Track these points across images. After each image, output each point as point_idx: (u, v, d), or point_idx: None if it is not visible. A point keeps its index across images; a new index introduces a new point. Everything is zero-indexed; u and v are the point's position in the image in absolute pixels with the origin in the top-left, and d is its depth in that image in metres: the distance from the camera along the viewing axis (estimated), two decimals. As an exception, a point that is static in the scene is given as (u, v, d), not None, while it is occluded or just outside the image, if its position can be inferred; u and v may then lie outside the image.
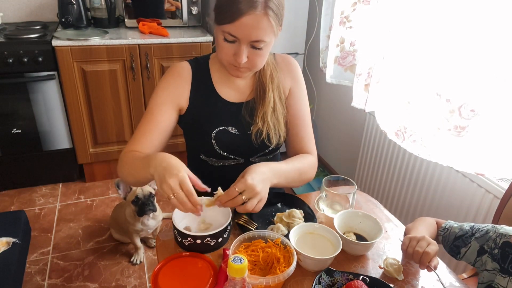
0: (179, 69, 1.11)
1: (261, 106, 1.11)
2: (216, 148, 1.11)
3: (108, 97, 2.32)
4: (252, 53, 0.96)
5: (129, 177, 1.03)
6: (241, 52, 0.94)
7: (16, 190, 2.47)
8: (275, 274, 0.81)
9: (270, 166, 0.98)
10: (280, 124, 1.13)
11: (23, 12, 2.53)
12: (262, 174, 0.92)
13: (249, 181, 0.88)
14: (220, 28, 0.94)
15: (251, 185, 0.87)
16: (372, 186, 2.16)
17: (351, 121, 2.44)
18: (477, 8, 1.29)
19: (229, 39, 0.94)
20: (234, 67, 1.00)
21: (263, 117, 1.10)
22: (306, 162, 1.13)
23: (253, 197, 0.88)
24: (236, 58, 0.95)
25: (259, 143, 1.12)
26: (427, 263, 0.88)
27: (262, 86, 1.11)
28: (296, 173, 1.08)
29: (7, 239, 1.48)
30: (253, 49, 0.95)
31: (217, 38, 0.97)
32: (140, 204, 1.73)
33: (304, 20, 2.54)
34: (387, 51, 1.69)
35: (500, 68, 1.25)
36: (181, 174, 0.83)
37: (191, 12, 2.52)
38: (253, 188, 0.87)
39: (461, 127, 1.38)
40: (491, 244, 0.90)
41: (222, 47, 0.97)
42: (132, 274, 1.92)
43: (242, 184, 0.88)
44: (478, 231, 0.95)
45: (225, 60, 0.99)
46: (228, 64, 1.00)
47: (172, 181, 0.82)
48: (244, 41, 0.93)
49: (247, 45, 0.94)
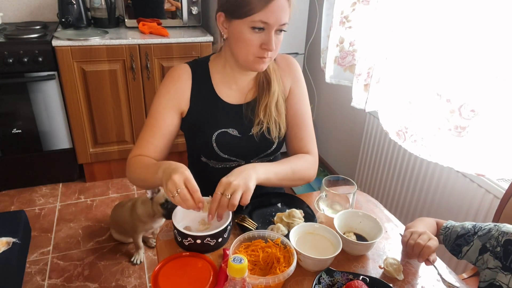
0: (179, 72, 1.11)
1: (264, 97, 1.10)
2: (217, 151, 1.11)
3: (108, 97, 2.32)
4: (276, 39, 0.97)
5: (139, 182, 1.08)
6: (271, 39, 0.95)
7: (16, 190, 2.47)
8: (275, 274, 0.81)
9: (253, 164, 1.00)
10: (281, 117, 1.13)
11: (23, 12, 2.53)
12: (239, 171, 0.94)
13: (224, 180, 0.91)
14: (247, 20, 0.93)
15: (226, 182, 0.90)
16: (372, 186, 2.16)
17: (351, 121, 2.44)
18: (477, 8, 1.29)
19: (260, 26, 0.94)
20: (259, 60, 1.00)
21: (266, 107, 1.10)
22: (301, 161, 1.13)
23: (234, 191, 0.89)
24: (268, 46, 0.96)
25: (261, 141, 1.12)
26: (427, 256, 0.89)
27: (267, 78, 1.11)
28: (289, 171, 1.07)
29: (7, 239, 1.48)
30: (277, 34, 0.97)
31: (241, 33, 0.96)
32: (169, 208, 1.72)
33: (304, 20, 2.54)
34: (387, 51, 1.69)
35: (500, 68, 1.25)
36: (187, 173, 0.87)
37: (191, 12, 2.52)
38: (229, 183, 0.89)
39: (462, 127, 1.38)
40: (493, 242, 0.90)
41: (249, 40, 0.96)
42: (132, 274, 1.92)
43: (219, 185, 0.90)
44: (480, 229, 0.94)
45: (251, 53, 0.98)
46: (253, 58, 0.99)
47: (177, 177, 0.85)
48: (274, 26, 0.94)
49: (274, 31, 0.95)
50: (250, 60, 1.00)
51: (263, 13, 0.92)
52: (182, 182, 0.85)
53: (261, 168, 0.99)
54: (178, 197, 0.85)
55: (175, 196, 0.85)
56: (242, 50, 0.99)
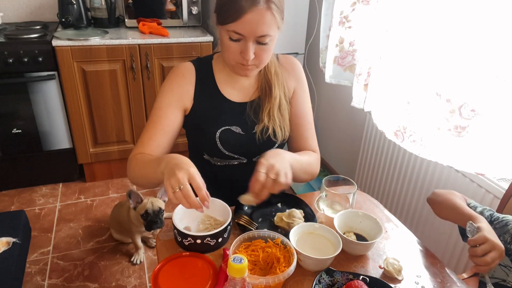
0: (182, 70, 1.11)
1: (267, 102, 1.11)
2: (221, 148, 1.12)
3: (108, 97, 2.32)
4: (259, 49, 0.97)
5: (140, 179, 1.05)
6: (248, 49, 0.95)
7: (16, 190, 2.47)
8: (275, 274, 0.81)
9: (283, 150, 1.01)
10: (285, 120, 1.14)
11: (23, 12, 2.53)
12: (274, 153, 0.96)
13: (264, 161, 0.91)
14: (224, 28, 0.94)
15: (268, 164, 0.91)
16: (372, 186, 2.15)
17: (351, 121, 2.44)
18: (477, 8, 1.29)
19: (235, 38, 0.94)
20: (242, 66, 1.00)
21: (269, 113, 1.11)
22: (312, 157, 1.16)
23: (277, 173, 0.90)
24: (244, 55, 0.96)
25: (264, 140, 1.13)
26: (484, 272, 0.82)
27: (268, 83, 1.12)
28: (307, 163, 1.11)
29: (7, 239, 1.48)
30: (259, 44, 0.96)
31: (222, 38, 0.97)
32: (148, 220, 1.74)
33: (304, 20, 2.53)
34: (387, 50, 1.69)
35: (500, 68, 1.25)
36: (192, 169, 0.84)
37: (191, 12, 2.52)
38: (272, 165, 0.90)
39: (462, 127, 1.38)
40: (507, 237, 0.86)
41: (228, 46, 0.97)
42: (132, 274, 1.92)
43: (260, 165, 0.91)
44: (497, 220, 0.90)
45: (232, 59, 0.99)
46: (235, 64, 1.00)
47: (181, 174, 0.82)
48: (250, 37, 0.93)
49: (253, 42, 0.95)
50: (232, 65, 1.02)
51: (237, 24, 0.91)
52: (186, 180, 0.82)
53: (290, 155, 1.02)
54: (179, 193, 0.81)
55: (176, 192, 0.81)
56: (224, 54, 1.01)
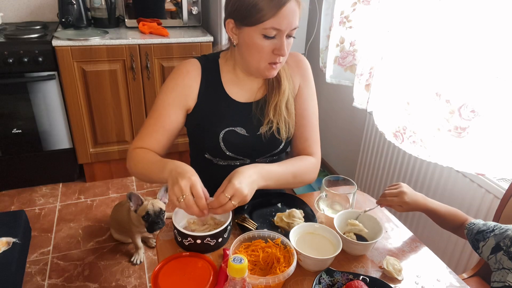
0: (188, 67, 1.09)
1: (273, 96, 1.09)
2: (224, 149, 1.11)
3: (108, 97, 2.32)
4: (287, 43, 0.97)
5: (141, 176, 1.06)
6: (283, 44, 0.95)
7: (16, 190, 2.47)
8: (275, 274, 0.81)
9: (258, 168, 0.97)
10: (291, 116, 1.12)
11: (23, 12, 2.53)
12: (249, 177, 0.92)
13: (237, 185, 0.87)
14: (258, 28, 0.92)
15: (239, 189, 0.87)
16: (372, 186, 2.15)
17: (351, 121, 2.44)
18: (477, 8, 1.29)
19: (272, 35, 0.93)
20: (271, 67, 0.99)
21: (276, 107, 1.09)
22: (303, 164, 1.12)
23: (242, 202, 0.89)
24: (280, 52, 0.95)
25: (268, 140, 1.11)
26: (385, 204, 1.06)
27: (277, 77, 1.10)
28: (289, 176, 1.06)
29: (7, 239, 1.48)
30: (288, 38, 0.96)
31: (252, 40, 0.95)
32: (150, 221, 1.74)
33: (304, 20, 2.54)
34: (388, 51, 1.69)
35: (500, 68, 1.25)
36: (194, 178, 0.86)
37: (191, 12, 2.52)
38: (241, 192, 0.87)
39: (462, 128, 1.38)
40: (507, 242, 0.88)
41: (261, 47, 0.95)
42: (132, 274, 1.92)
43: (230, 189, 0.87)
44: (498, 228, 0.93)
45: (264, 60, 0.98)
46: (265, 65, 0.99)
47: (183, 183, 0.85)
48: (286, 31, 0.93)
49: (285, 36, 0.94)
50: (261, 67, 1.00)
51: (275, 19, 0.90)
52: (188, 189, 0.85)
53: (263, 174, 0.98)
54: (183, 204, 0.85)
55: (180, 202, 0.85)
56: (254, 57, 0.98)
